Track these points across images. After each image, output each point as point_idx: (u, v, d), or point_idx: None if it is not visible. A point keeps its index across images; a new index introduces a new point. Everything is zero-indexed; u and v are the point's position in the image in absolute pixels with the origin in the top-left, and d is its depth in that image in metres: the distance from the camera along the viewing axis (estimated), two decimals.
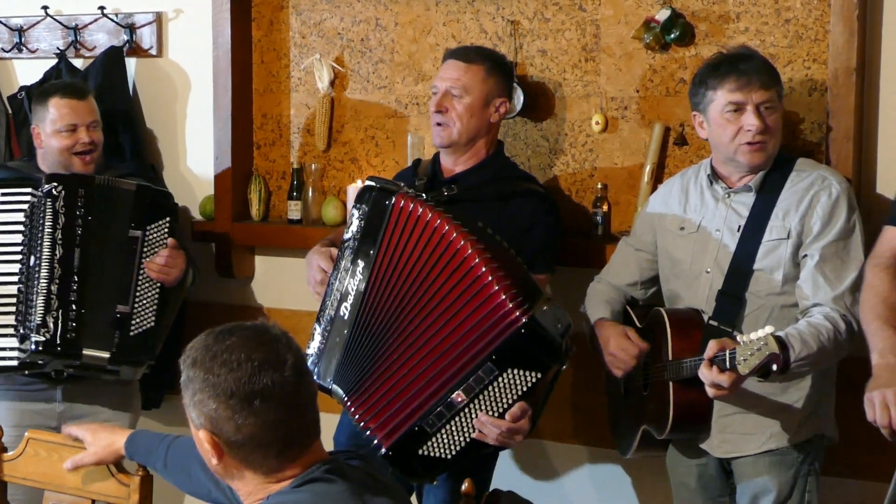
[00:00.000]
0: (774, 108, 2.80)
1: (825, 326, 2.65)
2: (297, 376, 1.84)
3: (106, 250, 3.40)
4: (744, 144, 2.79)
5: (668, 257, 2.99)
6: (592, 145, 3.39)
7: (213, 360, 1.82)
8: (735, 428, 2.84)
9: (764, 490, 2.82)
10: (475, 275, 2.69)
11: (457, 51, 3.12)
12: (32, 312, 3.33)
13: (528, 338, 2.64)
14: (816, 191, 2.78)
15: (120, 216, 3.41)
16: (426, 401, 2.73)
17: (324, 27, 3.69)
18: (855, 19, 2.96)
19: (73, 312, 3.33)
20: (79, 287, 3.35)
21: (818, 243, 2.74)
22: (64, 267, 3.34)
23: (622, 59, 3.33)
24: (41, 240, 3.35)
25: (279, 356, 1.83)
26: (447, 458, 2.77)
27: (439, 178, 3.10)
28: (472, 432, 2.72)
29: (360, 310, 2.84)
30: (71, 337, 3.31)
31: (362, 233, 2.88)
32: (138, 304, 3.37)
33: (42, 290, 3.33)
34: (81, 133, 3.43)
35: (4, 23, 4.11)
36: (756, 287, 2.80)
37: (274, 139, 3.82)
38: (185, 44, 3.91)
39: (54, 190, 3.35)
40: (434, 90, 3.06)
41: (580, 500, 3.54)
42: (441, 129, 3.05)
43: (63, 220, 3.35)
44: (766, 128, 2.77)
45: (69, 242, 3.35)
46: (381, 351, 2.81)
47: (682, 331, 2.81)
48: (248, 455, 1.84)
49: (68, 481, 2.42)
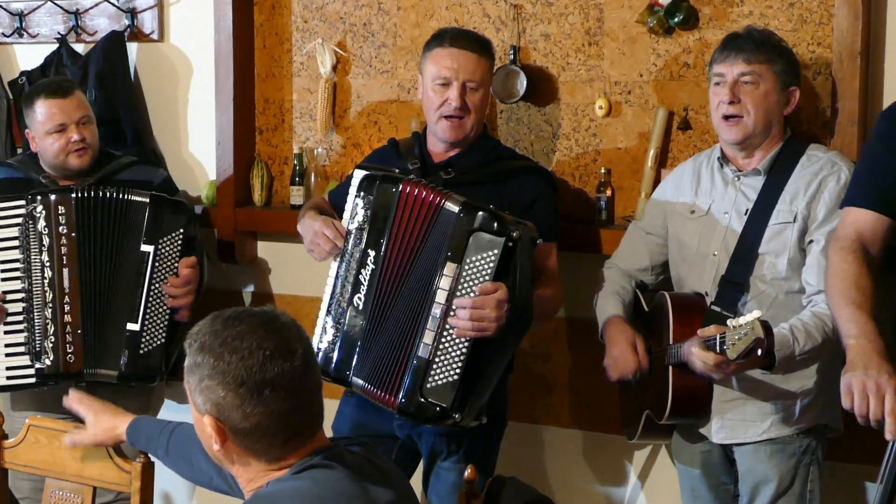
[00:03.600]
0: (756, 81, 2.79)
1: (829, 317, 2.64)
2: (305, 366, 1.83)
3: (111, 266, 3.38)
4: (721, 120, 2.82)
5: (676, 241, 2.99)
6: (596, 130, 3.38)
7: (222, 346, 1.81)
8: (735, 414, 2.84)
9: (765, 479, 2.83)
10: (440, 207, 2.80)
11: (464, 39, 3.04)
12: (34, 336, 3.33)
13: (466, 219, 2.74)
14: (825, 175, 2.78)
15: (129, 231, 3.38)
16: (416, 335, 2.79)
17: (326, 11, 3.67)
18: (859, 3, 2.95)
19: (69, 336, 3.32)
20: (79, 307, 3.34)
21: (824, 228, 2.74)
22: (56, 290, 3.32)
23: (626, 44, 3.31)
24: (31, 261, 3.34)
25: (290, 346, 1.82)
26: (455, 379, 2.76)
27: (430, 162, 3.08)
28: (465, 341, 2.74)
29: (375, 299, 2.86)
30: (71, 360, 3.31)
31: (371, 222, 2.89)
32: (148, 322, 3.35)
33: (38, 315, 3.33)
34: (72, 131, 3.38)
35: (5, 7, 4.10)
36: (760, 271, 2.80)
37: (276, 124, 3.81)
38: (187, 28, 3.90)
39: (34, 211, 3.32)
40: (445, 80, 2.98)
41: (582, 486, 3.54)
42: (458, 122, 3.01)
43: (47, 239, 3.32)
44: (737, 100, 2.79)
45: (57, 263, 3.32)
46: (398, 336, 2.83)
47: (683, 315, 2.81)
48: (254, 443, 1.83)
49: (69, 468, 2.42)
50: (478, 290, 2.71)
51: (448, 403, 2.75)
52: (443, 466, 3.04)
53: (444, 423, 2.79)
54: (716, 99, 2.83)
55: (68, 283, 3.33)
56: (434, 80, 2.99)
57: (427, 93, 3.02)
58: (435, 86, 2.99)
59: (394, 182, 2.88)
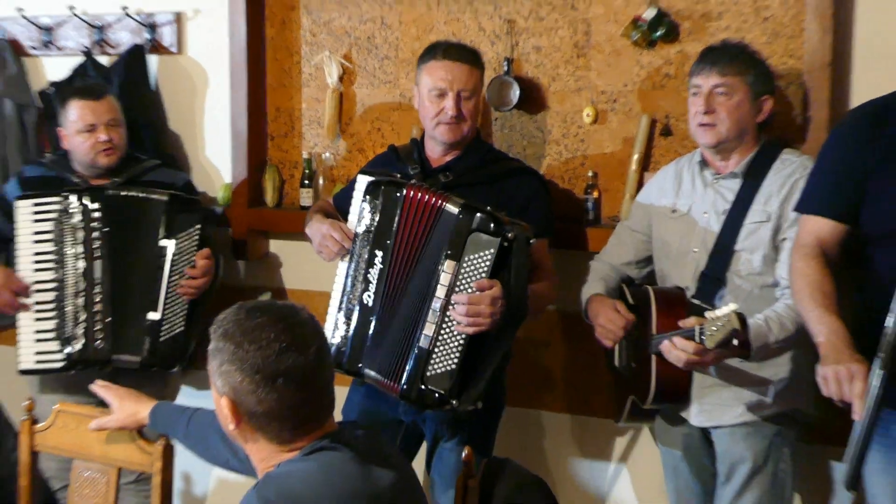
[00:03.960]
0: (729, 93, 2.80)
1: None
2: (318, 361, 1.86)
3: (134, 259, 3.39)
4: (697, 126, 2.84)
5: (659, 239, 3.01)
6: (584, 136, 3.40)
7: (243, 335, 1.84)
8: (713, 399, 2.86)
9: (741, 459, 2.85)
10: (440, 209, 2.82)
11: (457, 51, 3.05)
12: (64, 323, 3.35)
13: (465, 220, 2.75)
14: (797, 178, 2.79)
15: (149, 226, 3.39)
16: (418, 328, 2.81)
17: (333, 26, 3.69)
18: (829, 17, 2.97)
19: (98, 323, 3.34)
20: (107, 297, 3.35)
21: (796, 227, 2.73)
22: (87, 280, 3.34)
23: (611, 56, 3.34)
24: (64, 253, 3.36)
25: (305, 341, 1.85)
26: (453, 368, 2.78)
27: (428, 167, 3.09)
28: (462, 333, 2.76)
29: (383, 296, 2.88)
30: (99, 346, 3.33)
31: (377, 224, 2.90)
32: (168, 311, 3.37)
33: (69, 302, 3.35)
34: (100, 131, 3.42)
35: (34, 21, 4.12)
36: (737, 267, 2.82)
37: (286, 131, 3.83)
38: (204, 42, 3.92)
39: (70, 207, 3.36)
40: (441, 91, 2.99)
41: (572, 467, 3.56)
42: (456, 127, 3.02)
43: (81, 233, 3.35)
44: (712, 110, 2.81)
45: (89, 255, 3.35)
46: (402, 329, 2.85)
47: (666, 308, 2.83)
48: (265, 426, 1.87)
49: (95, 450, 2.44)
50: (474, 286, 2.74)
51: (446, 390, 2.77)
52: (445, 448, 3.05)
53: (442, 408, 2.81)
54: (693, 108, 2.85)
55: (100, 274, 3.35)
56: (431, 91, 3.01)
57: (424, 102, 3.04)
58: (432, 96, 3.01)
59: (398, 186, 2.89)
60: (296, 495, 1.79)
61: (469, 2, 3.47)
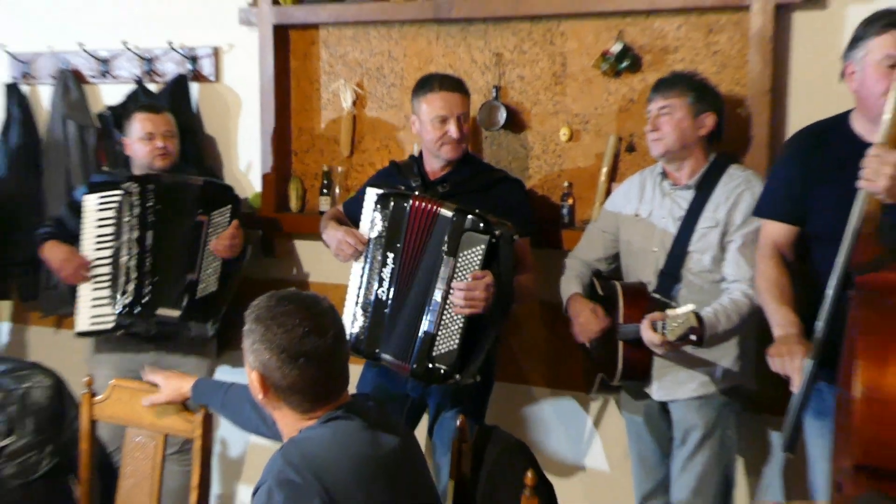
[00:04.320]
0: (670, 112, 2.82)
1: (743, 302, 2.71)
2: (335, 344, 1.88)
3: (177, 231, 3.41)
4: (650, 142, 2.89)
5: (624, 239, 3.01)
6: (560, 152, 3.40)
7: (272, 319, 1.86)
8: (670, 377, 2.87)
9: (693, 426, 2.86)
10: (438, 214, 2.84)
11: (451, 83, 3.06)
12: (118, 284, 3.37)
13: (459, 222, 2.79)
14: (742, 190, 2.80)
15: (189, 205, 3.42)
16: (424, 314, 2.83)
17: (347, 58, 3.70)
18: (769, 52, 2.98)
19: (147, 281, 3.37)
20: (153, 261, 3.38)
21: (741, 231, 2.77)
22: (140, 246, 3.38)
23: (584, 84, 3.34)
24: (121, 226, 3.40)
25: (324, 327, 1.87)
26: (456, 347, 2.80)
27: (427, 179, 3.10)
28: (461, 317, 2.77)
29: (394, 291, 2.90)
30: (146, 300, 3.36)
31: (388, 230, 2.92)
32: (203, 273, 3.39)
33: (123, 265, 3.38)
34: (157, 139, 3.46)
35: (93, 54, 4.12)
36: (690, 265, 2.83)
37: (308, 147, 3.83)
38: (238, 72, 3.92)
39: (130, 188, 3.41)
40: (443, 117, 3.00)
41: (551, 433, 3.57)
42: (458, 145, 3.04)
43: (138, 209, 3.39)
44: (658, 128, 2.84)
45: (143, 226, 3.39)
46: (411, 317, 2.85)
47: (631, 301, 2.83)
48: (288, 397, 1.89)
49: (146, 420, 2.46)
50: (470, 276, 2.74)
51: (450, 366, 2.80)
52: (446, 417, 3.07)
53: (447, 382, 2.83)
54: (647, 128, 2.89)
55: (150, 241, 3.39)
56: (434, 118, 3.01)
57: (426, 127, 3.03)
58: (435, 122, 3.01)
59: (405, 198, 2.91)
60: (313, 456, 1.80)
61: (463, 37, 3.48)
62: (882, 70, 2.31)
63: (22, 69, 4.30)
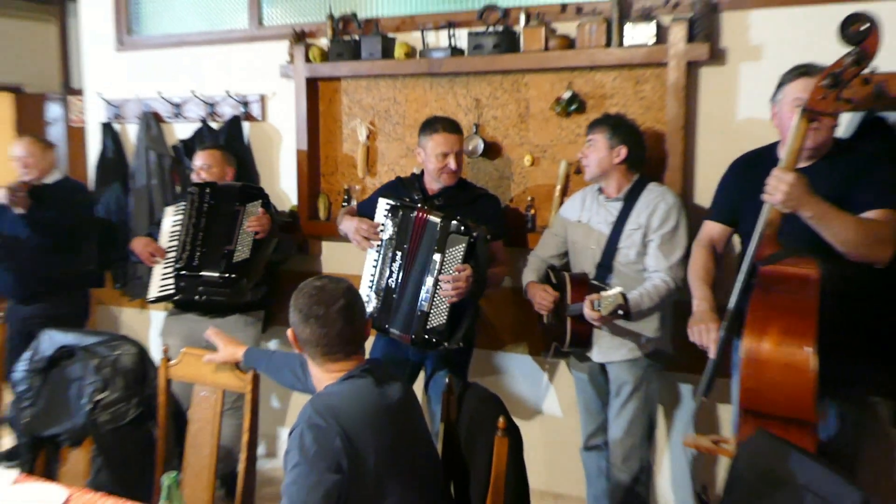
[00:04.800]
0: (592, 145, 2.85)
1: (661, 286, 2.71)
2: (339, 314, 1.90)
3: (221, 218, 3.43)
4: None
5: (570, 239, 3.01)
6: (525, 174, 3.41)
7: (301, 293, 1.93)
8: (606, 344, 2.88)
9: (625, 382, 2.87)
10: (427, 222, 2.83)
11: (451, 126, 3.04)
12: (178, 256, 3.40)
13: (444, 226, 2.80)
14: (658, 201, 2.81)
15: (231, 200, 3.44)
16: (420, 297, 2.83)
17: (363, 103, 3.70)
18: (682, 98, 2.99)
19: (196, 252, 3.39)
20: (203, 237, 3.41)
21: (658, 232, 2.77)
22: (194, 228, 3.42)
23: (542, 122, 3.34)
24: (186, 218, 3.45)
25: (333, 300, 1.89)
26: (444, 322, 2.81)
27: (427, 194, 3.09)
28: (446, 299, 2.78)
29: (401, 279, 2.89)
30: (195, 264, 3.38)
31: (398, 234, 2.92)
32: (238, 244, 3.37)
33: (181, 242, 3.42)
34: (201, 172, 3.54)
35: (168, 100, 4.12)
36: (619, 258, 2.83)
37: (333, 171, 3.83)
38: (279, 113, 3.92)
39: (194, 192, 3.47)
40: (445, 153, 2.99)
41: (518, 387, 3.57)
42: (455, 175, 3.03)
43: (197, 205, 3.44)
44: (584, 157, 2.86)
45: (199, 215, 3.43)
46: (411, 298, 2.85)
47: (576, 286, 2.84)
48: (310, 349, 1.93)
49: (208, 379, 2.46)
50: (454, 269, 2.75)
51: (440, 336, 2.81)
52: (438, 376, 3.06)
53: (438, 348, 2.84)
54: (578, 155, 2.94)
55: (203, 225, 3.42)
56: (437, 154, 3.00)
57: (430, 159, 3.02)
58: (438, 156, 3.00)
59: (411, 209, 2.91)
60: (334, 406, 1.81)
61: (450, 87, 3.48)
62: (793, 109, 2.29)
63: (114, 112, 4.30)
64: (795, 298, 2.00)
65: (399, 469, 1.82)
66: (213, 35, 4.02)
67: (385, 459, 1.79)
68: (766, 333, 1.95)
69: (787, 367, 1.91)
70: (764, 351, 1.94)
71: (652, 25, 3.01)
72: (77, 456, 2.53)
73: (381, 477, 1.78)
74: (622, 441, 2.86)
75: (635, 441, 2.85)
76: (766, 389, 1.92)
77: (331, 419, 1.77)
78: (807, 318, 1.94)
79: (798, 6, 2.85)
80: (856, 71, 2.06)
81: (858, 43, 2.05)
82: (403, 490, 1.81)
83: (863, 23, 2.04)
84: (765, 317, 1.98)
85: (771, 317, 1.97)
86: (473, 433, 2.14)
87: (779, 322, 1.96)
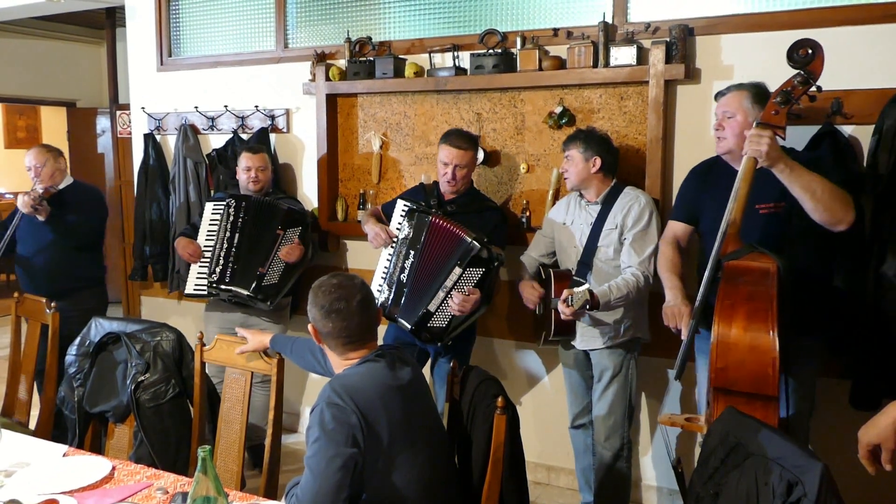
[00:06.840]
0: (570, 157, 2.83)
1: (632, 280, 2.69)
2: (358, 308, 1.88)
3: (259, 237, 3.38)
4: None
5: (557, 240, 3.00)
6: (521, 180, 3.40)
7: (320, 288, 1.89)
8: (587, 333, 2.86)
9: (606, 368, 2.86)
10: (461, 237, 2.79)
11: (457, 140, 3.00)
12: (212, 266, 3.37)
13: (473, 246, 2.75)
14: (632, 203, 2.79)
15: (273, 221, 3.37)
16: (430, 299, 2.81)
17: (377, 116, 3.69)
18: (661, 112, 2.98)
19: (229, 267, 3.34)
20: (237, 254, 3.35)
21: (632, 231, 2.76)
22: (228, 243, 3.36)
23: (536, 134, 3.34)
24: (221, 227, 3.39)
25: (352, 295, 1.87)
26: (443, 325, 2.81)
27: (441, 200, 3.07)
28: (451, 310, 2.78)
29: (412, 277, 2.88)
30: (226, 280, 3.33)
31: (412, 235, 2.91)
32: (270, 269, 3.33)
33: (216, 254, 3.38)
34: (252, 172, 3.46)
35: (203, 114, 4.13)
36: (598, 256, 2.81)
37: (350, 176, 3.83)
38: (303, 125, 3.91)
39: (230, 203, 3.40)
40: (446, 163, 2.98)
41: (513, 371, 3.56)
42: (453, 185, 3.01)
43: (232, 218, 3.38)
44: (565, 170, 2.84)
45: (233, 230, 3.37)
46: (420, 297, 2.84)
47: (560, 282, 2.83)
48: (328, 341, 1.91)
49: (239, 362, 2.45)
50: (466, 290, 2.74)
51: (436, 336, 2.84)
52: (442, 361, 3.06)
53: (434, 343, 2.86)
54: (560, 167, 2.93)
55: (237, 240, 3.36)
56: (440, 162, 3.01)
57: (439, 166, 3.03)
58: (441, 165, 3.01)
59: (426, 214, 2.90)
60: (351, 386, 1.80)
61: (455, 102, 3.47)
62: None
63: (156, 124, 4.31)
64: (758, 288, 2.01)
65: (410, 442, 1.81)
66: (244, 56, 4.03)
67: (397, 434, 1.78)
68: (733, 319, 1.96)
69: (753, 348, 1.92)
70: (732, 335, 1.95)
71: (634, 48, 3.00)
72: (121, 431, 2.54)
73: (394, 449, 1.78)
74: (604, 420, 2.85)
75: (616, 421, 2.84)
76: (735, 368, 1.93)
77: (348, 399, 1.76)
78: (768, 305, 1.96)
79: (762, 32, 2.86)
80: (803, 90, 2.11)
81: (805, 66, 2.09)
82: (414, 461, 1.81)
83: (808, 48, 2.06)
84: (732, 305, 1.99)
85: (737, 304, 1.98)
86: (475, 412, 2.13)
87: (744, 309, 1.97)
